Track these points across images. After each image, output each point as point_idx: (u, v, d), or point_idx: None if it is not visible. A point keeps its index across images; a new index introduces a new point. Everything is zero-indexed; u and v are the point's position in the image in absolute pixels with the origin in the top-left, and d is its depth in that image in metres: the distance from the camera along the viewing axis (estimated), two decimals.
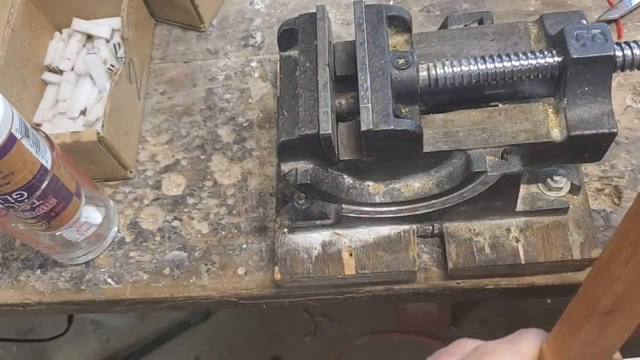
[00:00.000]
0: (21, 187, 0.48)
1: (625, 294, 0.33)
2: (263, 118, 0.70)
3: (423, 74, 0.49)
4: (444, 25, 0.59)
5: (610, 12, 0.69)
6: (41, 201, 0.51)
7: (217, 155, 0.68)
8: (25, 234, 0.56)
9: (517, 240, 0.56)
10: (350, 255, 0.57)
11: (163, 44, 0.77)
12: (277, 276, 0.57)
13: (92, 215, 0.61)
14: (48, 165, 0.50)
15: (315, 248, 0.58)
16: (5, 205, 0.49)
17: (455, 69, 0.48)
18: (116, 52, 0.74)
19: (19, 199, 0.49)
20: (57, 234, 0.57)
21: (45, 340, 1.56)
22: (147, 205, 0.67)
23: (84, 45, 0.76)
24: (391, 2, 0.75)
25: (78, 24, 0.75)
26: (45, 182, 0.50)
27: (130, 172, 0.68)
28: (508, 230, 0.56)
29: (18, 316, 0.69)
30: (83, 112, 0.71)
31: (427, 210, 0.54)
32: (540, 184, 0.56)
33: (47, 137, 0.53)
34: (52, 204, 0.52)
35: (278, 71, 0.55)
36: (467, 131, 0.50)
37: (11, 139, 0.45)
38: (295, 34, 0.53)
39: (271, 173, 0.66)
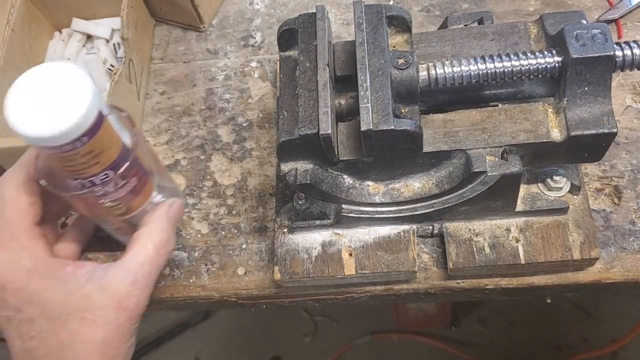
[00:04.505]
0: (107, 166, 0.47)
1: None
2: (263, 118, 0.70)
3: (423, 74, 0.49)
4: (444, 25, 0.59)
5: (610, 12, 0.69)
6: (124, 181, 0.49)
7: (217, 155, 0.68)
8: (100, 216, 0.55)
9: (517, 240, 0.56)
10: (350, 255, 0.57)
11: (163, 44, 0.77)
12: (277, 276, 0.57)
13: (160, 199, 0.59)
14: (128, 144, 0.50)
15: (315, 248, 0.58)
16: (90, 188, 0.48)
17: (455, 69, 0.48)
18: (116, 52, 0.74)
19: (104, 180, 0.47)
20: (132, 215, 0.56)
21: None
22: None
23: (84, 46, 0.76)
24: (391, 2, 0.75)
25: (78, 24, 0.75)
26: (128, 161, 0.49)
27: None
28: (508, 230, 0.56)
29: None
30: None
31: (427, 210, 0.54)
32: (540, 184, 0.56)
33: (128, 117, 0.52)
34: (133, 184, 0.50)
35: (278, 71, 0.55)
36: (467, 131, 0.50)
37: (100, 116, 0.44)
38: (295, 34, 0.53)
39: (271, 173, 0.66)
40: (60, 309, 0.44)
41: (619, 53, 0.47)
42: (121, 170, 0.48)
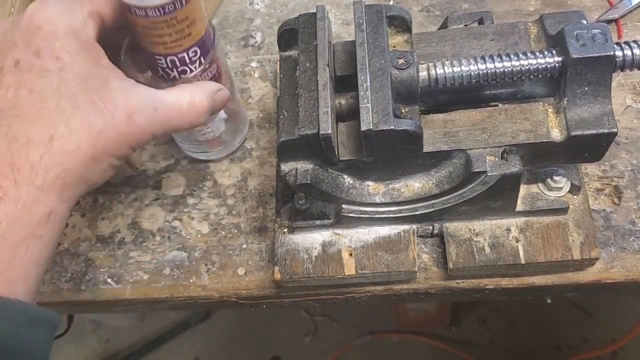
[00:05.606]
0: (197, 41, 0.47)
1: None
2: (263, 118, 0.70)
3: (423, 74, 0.49)
4: (444, 25, 0.59)
5: (610, 12, 0.69)
6: (210, 66, 0.49)
7: None
8: None
9: (517, 240, 0.56)
10: (350, 255, 0.57)
11: None
12: (277, 276, 0.57)
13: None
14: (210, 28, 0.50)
15: (315, 248, 0.58)
16: (181, 68, 0.47)
17: (455, 69, 0.48)
18: None
19: (193, 58, 0.47)
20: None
21: None
22: (147, 205, 0.67)
23: None
24: (391, 2, 0.75)
25: None
26: (213, 45, 0.48)
27: (136, 168, 0.68)
28: (508, 230, 0.56)
29: None
30: None
31: (427, 210, 0.54)
32: (540, 184, 0.56)
33: None
34: (214, 72, 0.50)
35: (278, 71, 0.55)
36: (467, 131, 0.50)
37: None
38: (295, 34, 0.53)
39: (271, 173, 0.66)
40: (77, 78, 0.40)
41: (619, 53, 0.47)
42: (208, 51, 0.48)
